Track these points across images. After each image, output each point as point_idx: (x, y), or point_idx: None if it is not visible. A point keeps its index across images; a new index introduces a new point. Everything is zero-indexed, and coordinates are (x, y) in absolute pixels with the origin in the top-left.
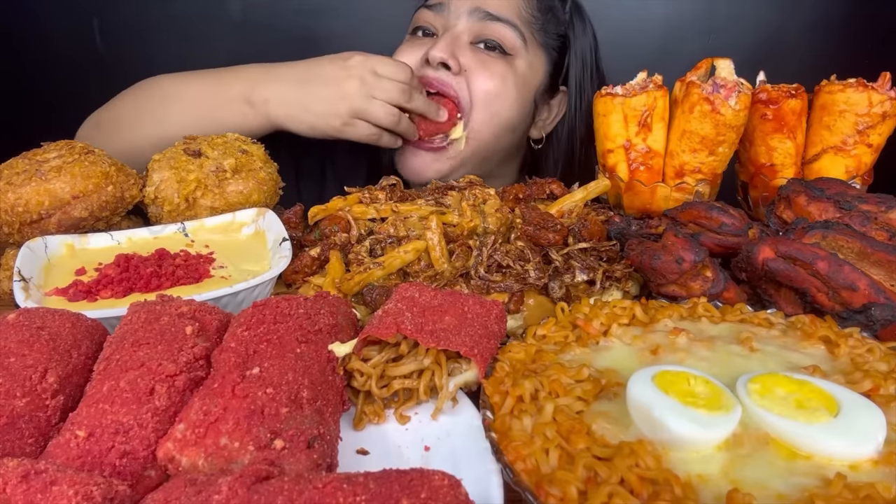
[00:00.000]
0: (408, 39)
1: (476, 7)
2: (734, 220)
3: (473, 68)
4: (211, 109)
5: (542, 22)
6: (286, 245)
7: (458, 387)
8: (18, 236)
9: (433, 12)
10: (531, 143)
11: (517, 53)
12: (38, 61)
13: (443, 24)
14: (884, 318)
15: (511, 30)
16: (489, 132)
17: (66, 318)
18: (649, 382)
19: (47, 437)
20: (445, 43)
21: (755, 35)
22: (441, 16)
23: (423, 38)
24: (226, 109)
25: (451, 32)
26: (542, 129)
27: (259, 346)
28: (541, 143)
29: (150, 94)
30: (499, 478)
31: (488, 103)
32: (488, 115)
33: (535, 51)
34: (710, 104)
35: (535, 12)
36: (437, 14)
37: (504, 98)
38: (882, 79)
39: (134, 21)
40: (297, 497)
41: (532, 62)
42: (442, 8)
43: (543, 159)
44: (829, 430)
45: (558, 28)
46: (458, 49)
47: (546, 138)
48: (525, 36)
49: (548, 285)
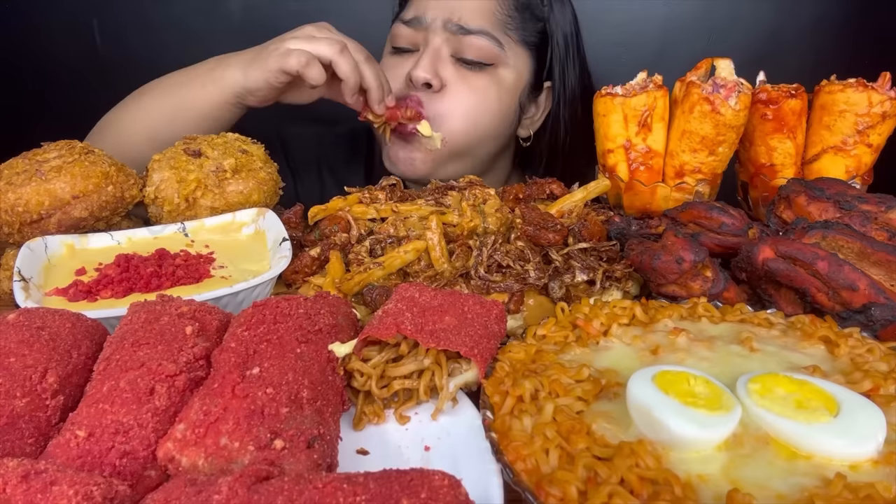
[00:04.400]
0: (388, 58)
1: (448, 19)
2: (734, 220)
3: (454, 83)
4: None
5: (520, 20)
6: (286, 245)
7: (458, 387)
8: (18, 236)
9: (410, 28)
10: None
11: (499, 62)
12: (37, 61)
13: (421, 38)
14: (884, 318)
15: (486, 40)
16: (466, 139)
17: (66, 318)
18: (649, 382)
19: (47, 437)
20: (427, 61)
21: (755, 35)
22: (418, 31)
23: (404, 55)
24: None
25: (431, 48)
26: (529, 128)
27: (259, 346)
28: (529, 141)
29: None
30: (499, 478)
31: (467, 115)
32: (467, 125)
33: (516, 51)
34: (710, 104)
35: (510, 12)
36: (415, 29)
37: (484, 110)
38: (882, 79)
39: (134, 21)
40: (297, 497)
41: (515, 65)
42: (418, 22)
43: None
44: (829, 430)
45: (537, 24)
46: (440, 64)
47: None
48: (502, 41)
49: (548, 285)
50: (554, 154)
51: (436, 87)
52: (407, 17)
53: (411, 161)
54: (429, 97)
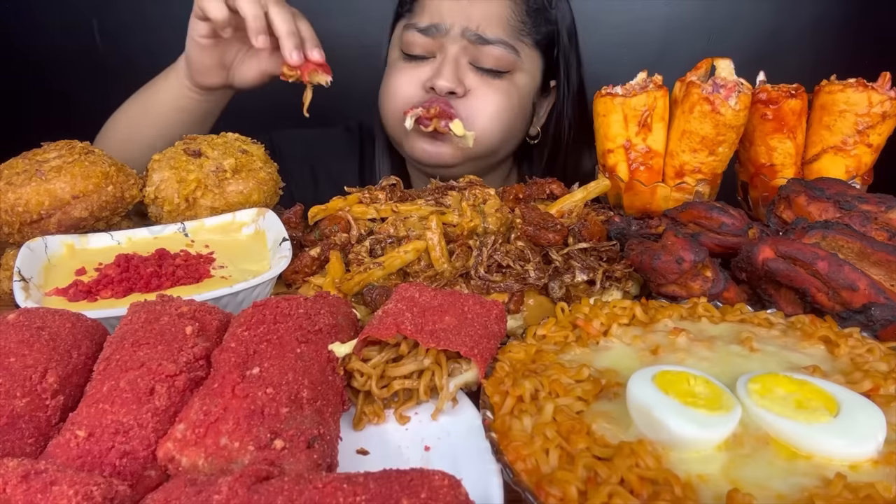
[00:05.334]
0: (402, 66)
1: (466, 27)
2: (734, 220)
3: (476, 87)
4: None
5: (532, 25)
6: (286, 245)
7: (458, 387)
8: (18, 236)
9: (427, 36)
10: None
11: (515, 68)
12: (37, 61)
13: (437, 46)
14: (884, 318)
15: (503, 49)
16: (494, 140)
17: (66, 318)
18: (649, 382)
19: (47, 437)
20: (450, 70)
21: (755, 35)
22: (435, 39)
23: (418, 61)
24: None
25: (450, 56)
26: (536, 125)
27: (259, 346)
28: (537, 139)
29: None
30: (499, 478)
31: (495, 116)
32: (493, 125)
33: (530, 55)
34: (710, 104)
35: (523, 17)
36: (431, 38)
37: (509, 111)
38: (882, 79)
39: (134, 21)
40: (297, 497)
41: (529, 69)
42: (435, 30)
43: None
44: (829, 430)
45: (548, 26)
46: (462, 72)
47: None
48: (517, 48)
49: (548, 285)
50: (556, 149)
51: (460, 93)
52: (422, 24)
53: (439, 155)
54: (454, 102)
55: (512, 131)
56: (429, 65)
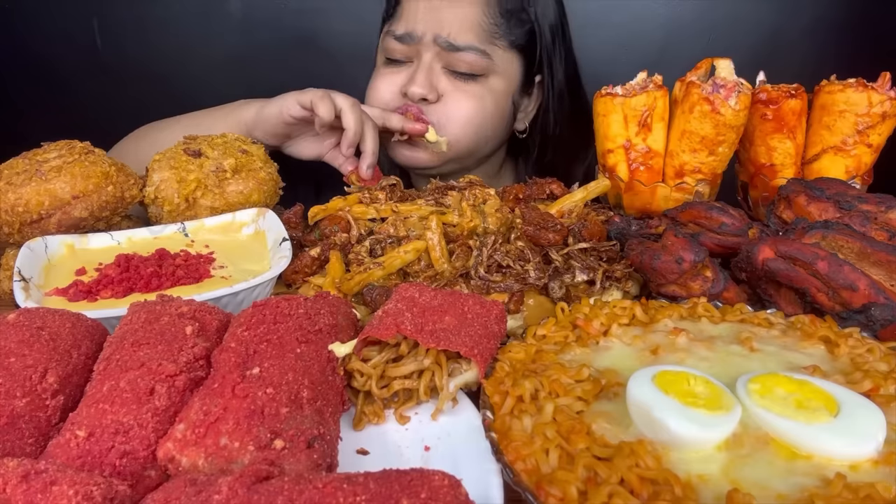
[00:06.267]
0: (383, 70)
1: (437, 34)
2: (734, 220)
3: (449, 92)
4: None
5: (506, 27)
6: (286, 245)
7: (458, 387)
8: (18, 236)
9: (402, 44)
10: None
11: (489, 71)
12: (37, 61)
13: (414, 52)
14: (884, 318)
15: (475, 54)
16: (469, 144)
17: (66, 318)
18: (649, 382)
19: (47, 437)
20: (422, 76)
21: (755, 35)
22: (410, 46)
23: (398, 65)
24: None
25: (424, 63)
26: (524, 121)
27: (259, 346)
28: (526, 133)
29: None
30: (499, 478)
31: (467, 121)
32: (467, 130)
33: (505, 57)
34: (710, 104)
35: (496, 20)
36: (407, 45)
37: (482, 115)
38: (882, 79)
39: (134, 21)
40: (297, 497)
41: (505, 71)
42: (409, 38)
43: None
44: (829, 430)
45: (524, 25)
46: (435, 78)
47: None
48: (490, 52)
49: (548, 285)
50: (545, 143)
51: (432, 99)
52: (398, 32)
53: (417, 159)
54: (427, 107)
55: (486, 133)
56: (406, 70)
